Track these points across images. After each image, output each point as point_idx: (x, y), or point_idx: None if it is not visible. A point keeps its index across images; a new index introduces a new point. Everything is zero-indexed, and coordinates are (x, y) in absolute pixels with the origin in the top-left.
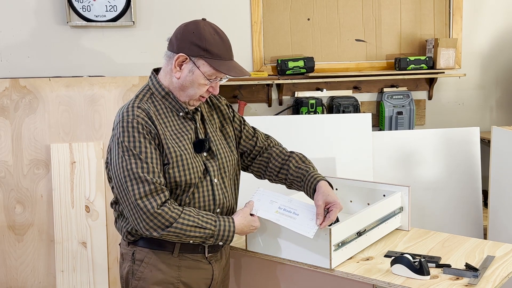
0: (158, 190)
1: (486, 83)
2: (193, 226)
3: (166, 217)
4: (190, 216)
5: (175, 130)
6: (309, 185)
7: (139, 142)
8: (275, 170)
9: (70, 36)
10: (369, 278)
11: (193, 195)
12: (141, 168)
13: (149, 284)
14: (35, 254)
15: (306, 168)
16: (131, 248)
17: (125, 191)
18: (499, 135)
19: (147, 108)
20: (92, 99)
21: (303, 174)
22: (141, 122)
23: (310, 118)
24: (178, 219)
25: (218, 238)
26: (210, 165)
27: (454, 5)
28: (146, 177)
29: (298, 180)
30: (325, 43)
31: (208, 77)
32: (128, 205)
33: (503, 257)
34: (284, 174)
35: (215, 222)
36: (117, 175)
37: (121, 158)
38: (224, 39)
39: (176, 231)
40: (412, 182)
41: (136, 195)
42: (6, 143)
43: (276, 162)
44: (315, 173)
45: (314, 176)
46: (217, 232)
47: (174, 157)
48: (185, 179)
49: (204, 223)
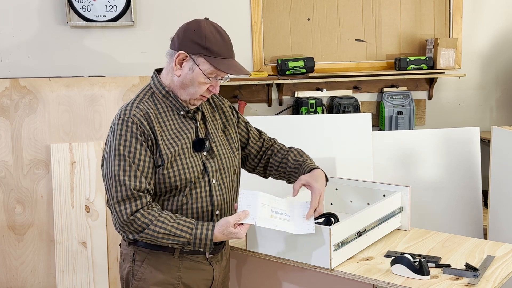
0: (136, 196)
1: (486, 83)
2: (165, 234)
3: (138, 223)
4: (163, 224)
5: (175, 129)
6: (305, 170)
7: (130, 142)
8: (275, 165)
9: (70, 36)
10: (369, 278)
11: (191, 195)
12: (123, 171)
13: (149, 284)
14: (35, 254)
15: (303, 159)
16: (132, 248)
17: (109, 191)
18: (499, 135)
19: (146, 108)
20: (92, 99)
21: (299, 165)
22: (136, 122)
23: (310, 118)
24: (150, 226)
25: (195, 246)
26: (210, 165)
27: (454, 5)
28: (125, 181)
29: (296, 170)
30: (325, 43)
31: (207, 75)
32: (111, 205)
33: (503, 257)
34: (283, 168)
35: (192, 230)
36: (105, 174)
37: (110, 157)
38: (225, 38)
39: (148, 237)
40: (412, 182)
41: (114, 198)
42: (6, 143)
43: (276, 157)
44: (311, 163)
45: (309, 165)
46: (193, 240)
47: (169, 157)
48: (180, 179)
49: (179, 231)
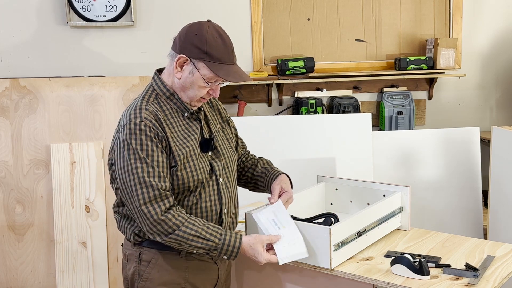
0: (163, 196)
1: (486, 83)
2: (196, 236)
3: (169, 223)
4: (194, 226)
5: (182, 131)
6: (271, 176)
7: (146, 145)
8: (244, 170)
9: (70, 36)
10: (369, 278)
11: (200, 194)
12: (147, 172)
13: (156, 285)
14: (35, 254)
15: (270, 167)
16: (137, 249)
17: (130, 194)
18: (499, 135)
19: (154, 110)
20: (92, 99)
21: (267, 170)
22: (148, 125)
23: (310, 118)
24: (181, 227)
25: (222, 252)
26: (216, 164)
27: (454, 5)
28: (151, 182)
29: (262, 175)
30: (325, 43)
31: (207, 80)
32: (133, 208)
33: (503, 257)
34: (250, 173)
35: (221, 235)
36: (122, 178)
37: (127, 161)
38: (226, 42)
39: (178, 239)
40: (412, 182)
41: (140, 200)
42: (6, 143)
43: (247, 163)
44: (278, 170)
45: (276, 171)
46: (221, 246)
47: (182, 158)
48: (193, 180)
49: (208, 235)
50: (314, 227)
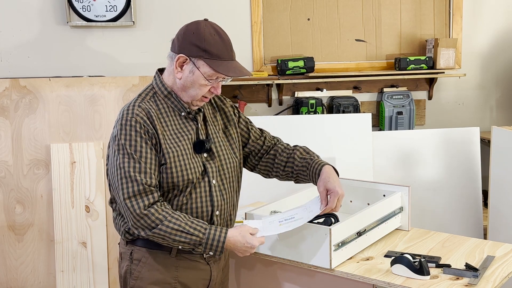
0: (147, 191)
1: (486, 83)
2: (179, 231)
3: (152, 218)
4: (178, 220)
5: (176, 130)
6: (314, 171)
7: (135, 141)
8: (281, 164)
9: (70, 36)
10: (369, 278)
11: (190, 195)
12: (133, 167)
13: (146, 283)
14: (35, 254)
15: (310, 157)
16: (129, 247)
17: (117, 189)
18: (499, 135)
19: (148, 107)
20: (92, 99)
21: (308, 163)
22: (139, 121)
23: (310, 118)
24: (164, 221)
25: (206, 247)
26: (209, 166)
27: (454, 5)
28: (136, 177)
29: (304, 169)
30: (325, 43)
31: (208, 77)
32: (120, 203)
33: (503, 257)
34: (290, 167)
35: (205, 230)
36: (111, 172)
37: (116, 156)
38: (224, 39)
39: (161, 233)
40: (412, 182)
41: (125, 194)
42: (6, 143)
43: (281, 157)
44: (319, 160)
45: (318, 163)
46: (205, 240)
47: (171, 157)
48: (182, 179)
49: (192, 229)
50: (314, 227)
